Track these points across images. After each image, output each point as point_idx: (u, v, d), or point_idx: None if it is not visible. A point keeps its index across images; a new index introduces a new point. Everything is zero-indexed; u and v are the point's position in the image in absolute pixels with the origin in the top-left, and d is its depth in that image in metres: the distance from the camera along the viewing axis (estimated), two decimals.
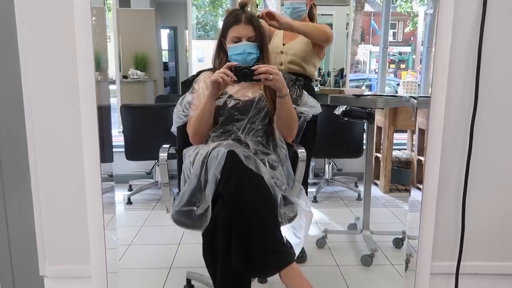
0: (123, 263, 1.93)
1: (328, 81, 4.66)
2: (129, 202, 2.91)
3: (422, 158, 1.43)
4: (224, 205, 1.19)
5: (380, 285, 1.78)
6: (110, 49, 4.24)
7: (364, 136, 2.62)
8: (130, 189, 3.13)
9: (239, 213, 1.16)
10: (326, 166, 3.31)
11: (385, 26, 4.22)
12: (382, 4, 4.60)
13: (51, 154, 1.32)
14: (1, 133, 1.33)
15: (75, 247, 1.37)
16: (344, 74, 4.52)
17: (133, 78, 5.00)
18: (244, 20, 1.44)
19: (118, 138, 2.93)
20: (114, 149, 1.48)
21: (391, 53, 12.13)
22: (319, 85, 4.48)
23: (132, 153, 2.80)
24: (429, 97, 1.34)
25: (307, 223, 1.36)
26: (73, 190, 1.33)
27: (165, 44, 6.48)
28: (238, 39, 1.44)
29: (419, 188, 1.44)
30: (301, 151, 1.47)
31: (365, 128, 2.38)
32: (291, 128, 1.48)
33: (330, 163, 3.31)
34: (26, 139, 1.31)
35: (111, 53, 4.18)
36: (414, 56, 12.16)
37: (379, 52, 4.34)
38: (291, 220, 1.33)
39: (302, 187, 1.51)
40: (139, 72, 5.06)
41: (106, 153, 1.32)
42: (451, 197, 1.41)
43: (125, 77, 4.90)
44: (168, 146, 1.46)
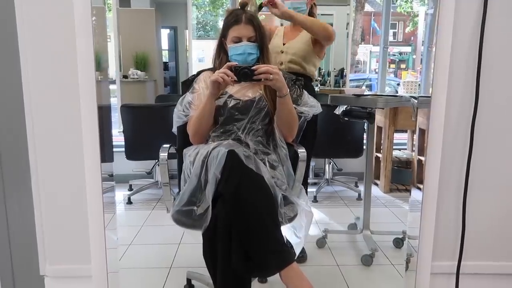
0: (124, 262, 1.93)
1: (328, 81, 4.66)
2: (129, 202, 2.91)
3: (422, 158, 1.43)
4: (224, 205, 1.18)
5: (380, 285, 1.78)
6: (110, 49, 4.25)
7: (365, 136, 2.62)
8: (130, 189, 3.14)
9: (239, 213, 1.16)
10: (326, 166, 3.31)
11: (385, 26, 4.23)
12: (382, 4, 4.60)
13: (52, 153, 1.32)
14: (1, 133, 1.33)
15: (75, 246, 1.37)
16: (344, 74, 4.51)
17: (133, 78, 5.00)
18: (244, 20, 1.44)
19: (118, 138, 2.93)
20: (114, 149, 1.48)
21: (391, 53, 12.13)
22: (319, 85, 4.48)
23: (132, 153, 2.80)
24: (429, 97, 1.34)
25: (307, 223, 1.36)
26: (74, 190, 1.33)
27: (165, 44, 6.49)
28: (238, 39, 1.44)
29: (419, 188, 1.44)
30: (301, 151, 1.47)
31: (365, 128, 2.38)
32: (291, 128, 1.48)
33: (330, 163, 3.31)
34: (27, 139, 1.31)
35: (111, 53, 4.18)
36: (414, 56, 12.16)
37: (379, 52, 4.34)
38: (291, 220, 1.33)
39: (302, 187, 1.51)
40: (139, 72, 5.06)
41: (106, 153, 1.32)
42: (451, 197, 1.41)
43: (125, 77, 4.91)
44: (168, 146, 1.46)
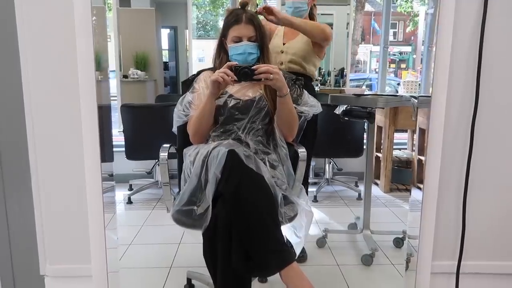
0: (124, 262, 1.93)
1: (328, 81, 4.66)
2: (129, 201, 2.91)
3: (422, 157, 1.43)
4: (224, 205, 1.18)
5: (380, 284, 1.78)
6: (111, 48, 4.25)
7: (365, 135, 2.62)
8: (131, 188, 3.14)
9: (239, 213, 1.16)
10: (327, 165, 3.31)
11: (385, 25, 4.23)
12: (382, 3, 4.60)
13: (52, 153, 1.32)
14: (1, 133, 1.33)
15: (75, 246, 1.37)
16: (345, 73, 4.52)
17: (134, 78, 5.00)
18: (244, 20, 1.43)
19: (119, 137, 2.93)
20: (115, 149, 1.48)
21: (391, 53, 12.12)
22: (319, 85, 4.48)
23: (133, 152, 2.80)
24: (429, 96, 1.34)
25: (307, 223, 1.36)
26: (74, 190, 1.33)
27: (165, 44, 6.49)
28: (238, 39, 1.44)
29: (419, 188, 1.44)
30: (301, 151, 1.47)
31: (365, 127, 2.37)
32: (292, 127, 1.48)
33: (330, 162, 3.31)
34: (27, 139, 1.31)
35: (111, 53, 4.19)
36: (414, 56, 12.16)
37: (380, 51, 4.34)
38: (291, 219, 1.32)
39: (303, 186, 1.51)
40: (139, 72, 5.06)
41: (106, 153, 1.32)
42: (451, 197, 1.41)
43: (125, 76, 4.91)
44: (168, 145, 1.46)
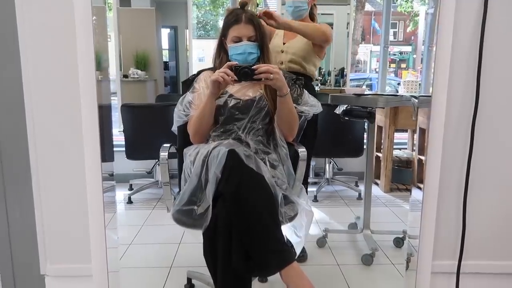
0: (124, 262, 1.93)
1: (328, 81, 4.66)
2: (129, 201, 2.91)
3: (423, 157, 1.43)
4: (224, 204, 1.18)
5: (380, 284, 1.78)
6: (111, 48, 4.25)
7: (365, 135, 2.62)
8: (131, 188, 3.14)
9: (239, 212, 1.16)
10: (327, 165, 3.31)
11: (385, 25, 4.23)
12: (382, 3, 4.60)
13: (52, 153, 1.32)
14: (2, 133, 1.33)
15: (76, 246, 1.37)
16: (345, 73, 4.52)
17: (134, 78, 5.00)
18: (244, 19, 1.43)
19: (119, 137, 2.93)
20: (115, 149, 1.48)
21: (391, 53, 12.13)
22: (319, 85, 4.48)
23: (133, 152, 2.80)
24: (430, 96, 1.34)
25: (307, 222, 1.36)
26: (74, 189, 1.33)
27: (165, 44, 6.49)
28: (238, 39, 1.44)
29: (419, 188, 1.44)
30: (301, 150, 1.47)
31: (365, 127, 2.37)
32: (292, 127, 1.48)
33: (330, 162, 3.31)
34: (27, 139, 1.31)
35: (111, 53, 4.19)
36: (414, 56, 12.16)
37: (380, 51, 4.34)
38: (291, 219, 1.33)
39: (303, 186, 1.51)
40: (139, 72, 5.07)
41: (106, 152, 1.32)
42: (452, 196, 1.41)
43: (125, 76, 4.91)
44: (168, 145, 1.46)
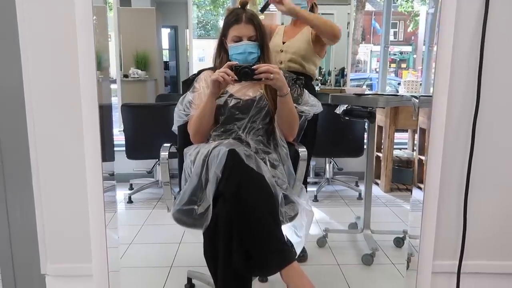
0: (124, 261, 1.93)
1: (329, 81, 4.66)
2: (130, 201, 2.91)
3: (423, 157, 1.43)
4: (225, 204, 1.18)
5: (381, 284, 1.78)
6: (111, 48, 4.25)
7: (365, 135, 2.62)
8: (131, 188, 3.14)
9: (240, 212, 1.16)
10: (327, 165, 3.31)
11: (386, 25, 4.23)
12: (383, 3, 4.60)
13: (53, 153, 1.32)
14: (2, 132, 1.33)
15: (76, 245, 1.37)
16: (345, 73, 4.52)
17: (134, 77, 5.00)
18: (244, 19, 1.43)
19: (119, 137, 2.93)
20: (115, 148, 1.48)
21: (392, 53, 12.13)
22: (320, 85, 4.48)
23: (133, 152, 2.80)
24: (430, 96, 1.34)
25: (308, 222, 1.36)
26: (75, 189, 1.33)
27: (165, 43, 6.50)
28: (239, 39, 1.44)
29: (420, 188, 1.43)
30: (302, 150, 1.47)
31: (366, 127, 2.37)
32: (292, 127, 1.48)
33: (331, 162, 3.31)
34: (28, 138, 1.31)
35: (112, 52, 4.19)
36: (415, 56, 12.16)
37: (380, 51, 4.34)
38: (292, 219, 1.33)
39: (303, 186, 1.51)
40: (139, 71, 5.07)
41: (107, 152, 1.32)
42: (452, 196, 1.40)
43: (126, 76, 4.91)
44: (169, 145, 1.46)
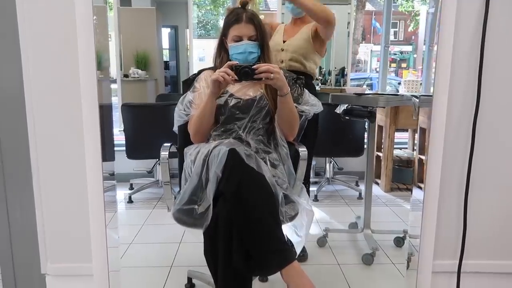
0: (125, 261, 1.93)
1: (329, 80, 4.66)
2: (130, 200, 2.91)
3: (423, 157, 1.43)
4: (225, 204, 1.18)
5: (381, 284, 1.78)
6: (111, 48, 4.25)
7: (365, 135, 2.61)
8: (131, 187, 3.14)
9: (240, 212, 1.15)
10: (327, 165, 3.31)
11: (386, 25, 4.22)
12: (383, 3, 4.60)
13: (53, 153, 1.32)
14: (3, 132, 1.33)
15: (76, 245, 1.37)
16: (345, 73, 4.51)
17: (134, 77, 5.00)
18: (245, 19, 1.43)
19: (119, 137, 2.94)
20: (115, 148, 1.48)
21: (392, 52, 12.12)
22: (320, 84, 4.48)
23: (133, 152, 2.80)
24: (431, 96, 1.34)
25: (308, 222, 1.36)
26: (75, 189, 1.34)
27: (166, 43, 6.50)
28: (239, 38, 1.44)
29: (420, 187, 1.43)
30: (302, 150, 1.47)
31: (366, 127, 2.37)
32: (292, 127, 1.48)
33: (331, 162, 3.31)
34: (28, 138, 1.31)
35: (112, 52, 4.19)
36: (415, 55, 12.16)
37: (380, 51, 4.34)
38: (292, 218, 1.32)
39: (303, 185, 1.51)
40: (140, 71, 5.07)
41: (107, 152, 1.32)
42: (453, 196, 1.40)
43: (126, 76, 4.91)
44: (169, 144, 1.46)
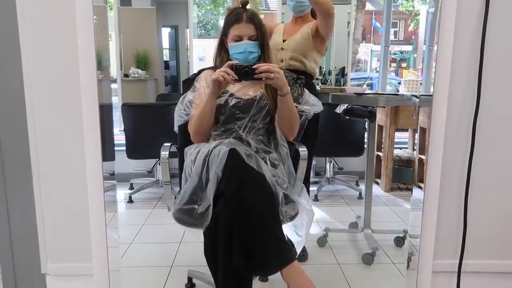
0: (125, 261, 1.93)
1: (329, 80, 4.66)
2: (130, 200, 2.91)
3: (423, 156, 1.43)
4: (225, 204, 1.18)
5: (381, 283, 1.78)
6: (111, 47, 4.26)
7: (365, 134, 2.61)
8: (131, 187, 3.14)
9: (240, 212, 1.16)
10: (327, 164, 3.31)
11: (386, 24, 4.22)
12: (383, 2, 4.60)
13: (53, 152, 1.32)
14: (3, 132, 1.33)
15: (76, 245, 1.37)
16: (345, 72, 4.51)
17: (134, 77, 5.00)
18: (245, 18, 1.43)
19: (119, 136, 2.94)
20: (115, 148, 1.48)
21: (392, 52, 12.11)
22: (320, 84, 4.48)
23: (133, 151, 2.80)
24: (431, 95, 1.34)
25: (308, 222, 1.36)
26: (75, 188, 1.34)
27: (166, 43, 6.50)
28: (239, 38, 1.44)
29: (420, 187, 1.43)
30: (302, 150, 1.47)
31: (366, 126, 2.38)
32: (292, 126, 1.48)
33: (331, 161, 3.31)
34: (28, 138, 1.31)
35: (112, 52, 4.19)
36: (415, 55, 12.15)
37: (381, 50, 4.34)
38: (292, 218, 1.32)
39: (303, 185, 1.51)
40: (140, 71, 5.07)
41: (107, 152, 1.32)
42: (453, 196, 1.40)
43: (126, 75, 4.91)
44: (169, 144, 1.46)
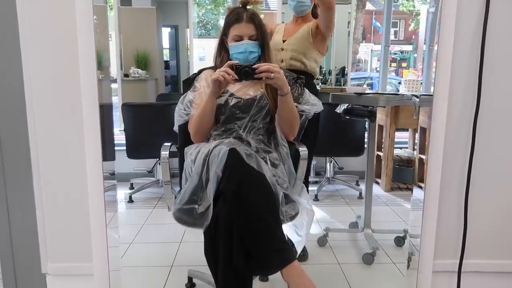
0: (125, 261, 1.93)
1: (329, 80, 4.66)
2: (130, 200, 2.92)
3: (424, 156, 1.43)
4: (225, 203, 1.18)
5: (381, 283, 1.78)
6: (112, 47, 4.26)
7: (366, 134, 2.61)
8: (132, 187, 3.14)
9: (240, 211, 1.16)
10: (328, 164, 3.31)
11: (386, 24, 4.22)
12: (383, 2, 4.60)
13: (53, 152, 1.32)
14: (3, 132, 1.33)
15: (77, 245, 1.38)
16: (346, 72, 4.51)
17: (134, 77, 5.01)
18: (245, 18, 1.43)
19: (120, 136, 2.94)
20: (116, 148, 1.48)
21: (392, 52, 12.11)
22: (320, 84, 4.48)
23: (134, 151, 2.81)
24: (431, 95, 1.34)
25: (308, 221, 1.36)
26: (75, 188, 1.34)
27: (166, 43, 6.50)
28: (239, 38, 1.44)
29: (420, 187, 1.43)
30: (302, 149, 1.47)
31: (366, 126, 2.38)
32: (293, 126, 1.48)
33: (331, 161, 3.31)
34: (28, 138, 1.31)
35: (112, 52, 4.19)
36: (415, 55, 12.15)
37: (381, 50, 4.34)
38: (292, 218, 1.32)
39: (304, 185, 1.51)
40: (140, 71, 5.07)
41: (107, 152, 1.32)
42: (453, 195, 1.40)
43: (126, 75, 4.91)
44: (169, 144, 1.46)
